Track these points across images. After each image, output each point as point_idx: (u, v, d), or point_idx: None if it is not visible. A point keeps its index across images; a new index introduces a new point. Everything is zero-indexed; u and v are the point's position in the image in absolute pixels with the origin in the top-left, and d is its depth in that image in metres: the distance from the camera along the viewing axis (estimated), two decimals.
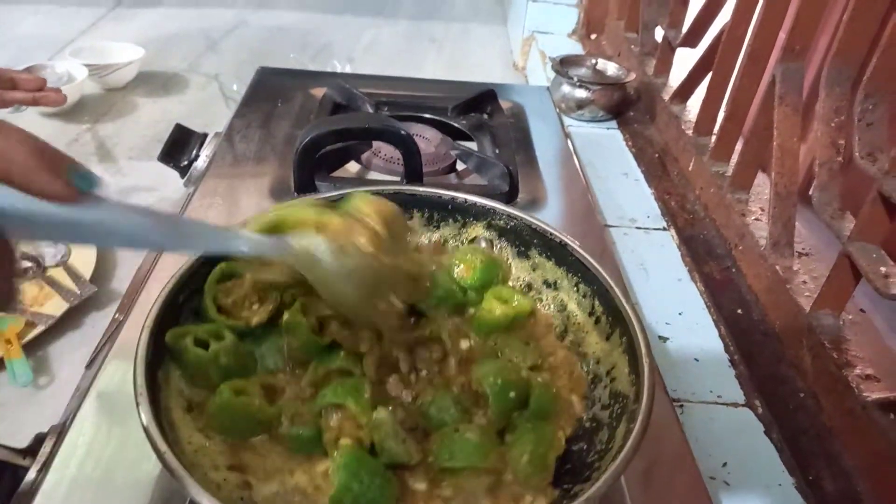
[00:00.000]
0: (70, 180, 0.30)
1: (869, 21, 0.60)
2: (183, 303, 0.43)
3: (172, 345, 0.40)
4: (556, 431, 0.40)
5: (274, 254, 0.39)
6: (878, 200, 0.54)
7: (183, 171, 0.85)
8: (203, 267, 0.44)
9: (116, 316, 0.66)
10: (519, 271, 0.52)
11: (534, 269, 0.51)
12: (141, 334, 0.40)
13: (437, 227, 0.54)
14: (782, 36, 0.73)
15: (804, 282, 0.65)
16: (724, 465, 0.53)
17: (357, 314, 0.41)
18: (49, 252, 0.93)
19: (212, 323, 0.42)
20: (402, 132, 0.59)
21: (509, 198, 0.73)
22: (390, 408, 0.38)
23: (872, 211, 0.54)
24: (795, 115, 0.69)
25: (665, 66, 1.07)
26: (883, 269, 0.54)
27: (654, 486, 0.47)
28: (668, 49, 1.05)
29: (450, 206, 0.53)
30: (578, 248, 0.47)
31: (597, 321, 0.45)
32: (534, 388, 0.41)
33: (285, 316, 0.42)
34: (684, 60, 1.01)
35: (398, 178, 0.74)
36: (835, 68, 0.63)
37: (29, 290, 0.87)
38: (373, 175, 0.79)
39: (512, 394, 0.40)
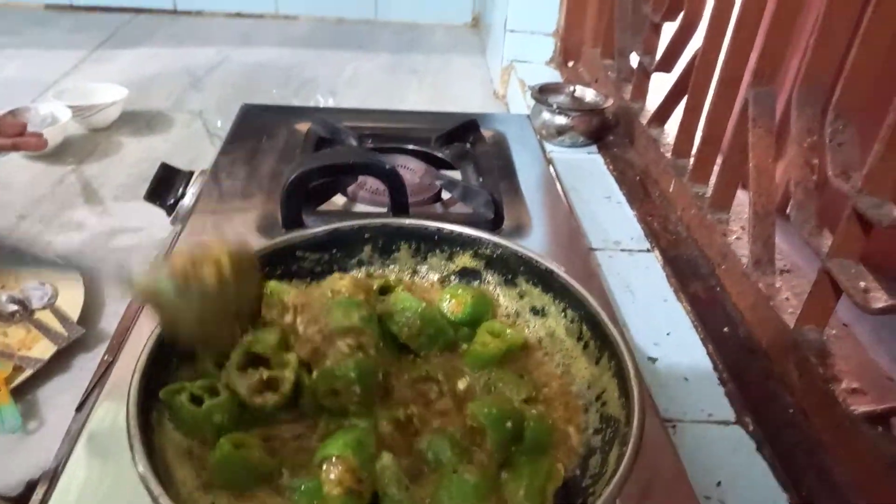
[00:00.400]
0: None
1: (835, 45, 0.63)
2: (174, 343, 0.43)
3: (167, 401, 0.40)
4: (555, 464, 0.41)
5: (119, 287, 0.44)
6: (853, 217, 0.55)
7: (169, 210, 0.85)
8: None
9: (105, 357, 0.66)
10: (507, 300, 0.53)
11: (521, 297, 0.52)
12: (133, 377, 0.40)
13: (425, 259, 0.54)
14: (754, 58, 0.76)
15: (787, 298, 0.66)
16: (719, 484, 0.54)
17: (196, 340, 0.44)
18: (36, 294, 0.92)
19: (208, 377, 0.43)
20: (387, 166, 0.60)
21: (495, 225, 0.74)
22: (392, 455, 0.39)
23: (848, 228, 0.56)
24: (769, 137, 0.71)
25: (641, 92, 1.09)
26: (862, 283, 0.55)
27: None
28: (643, 75, 1.08)
29: (436, 237, 0.54)
30: (564, 274, 0.48)
31: (585, 346, 0.46)
32: (528, 420, 0.42)
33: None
34: (660, 85, 1.03)
35: (384, 210, 0.75)
36: (804, 90, 0.65)
37: (15, 334, 0.86)
38: (359, 207, 0.80)
39: (508, 424, 0.40)
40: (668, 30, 1.01)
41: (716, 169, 0.84)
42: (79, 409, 0.58)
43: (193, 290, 0.42)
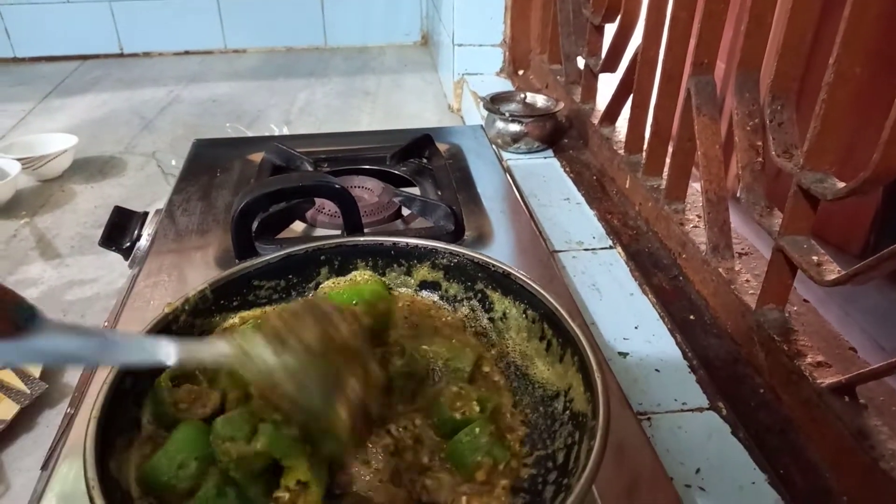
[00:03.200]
0: (12, 317, 0.33)
1: (765, 29, 0.64)
2: (130, 388, 0.42)
3: None
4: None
5: (206, 358, 0.39)
6: (799, 194, 0.56)
7: (126, 253, 0.84)
8: None
9: (68, 410, 0.64)
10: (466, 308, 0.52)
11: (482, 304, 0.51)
12: (88, 425, 0.38)
13: (383, 274, 0.54)
14: (692, 49, 0.77)
15: (747, 280, 0.67)
16: (698, 471, 0.54)
17: (309, 422, 0.37)
18: None
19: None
20: (336, 186, 0.59)
21: (456, 237, 0.74)
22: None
23: (796, 204, 0.57)
24: (714, 124, 0.73)
25: (590, 93, 1.11)
26: (815, 258, 0.56)
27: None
28: (590, 76, 1.09)
29: (392, 252, 0.53)
30: (521, 275, 0.48)
31: (548, 345, 0.45)
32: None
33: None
34: (608, 84, 1.05)
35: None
36: (741, 75, 0.66)
37: None
38: (319, 231, 0.79)
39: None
40: (610, 31, 1.03)
41: (667, 161, 0.85)
42: (44, 466, 0.56)
43: (291, 349, 0.36)
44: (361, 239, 0.53)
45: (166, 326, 0.45)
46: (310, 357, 0.36)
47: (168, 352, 0.38)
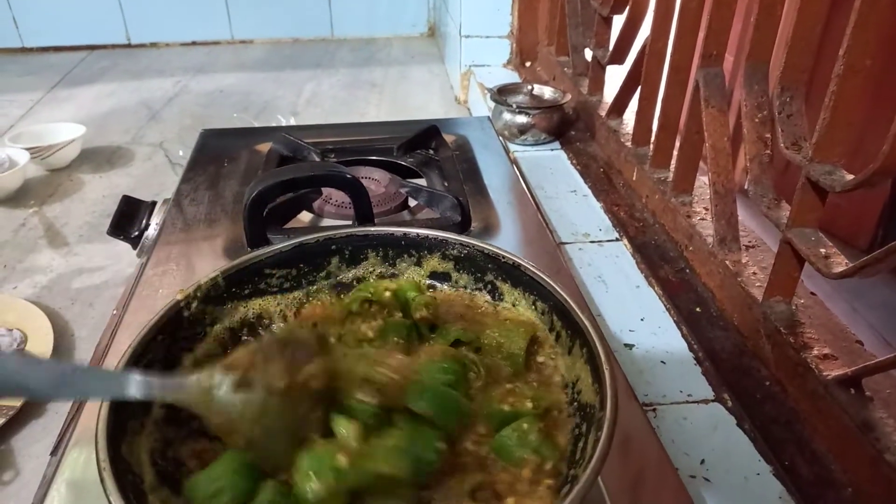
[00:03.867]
0: None
1: (775, 20, 0.64)
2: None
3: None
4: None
5: (167, 394, 0.37)
6: (807, 186, 0.56)
7: (134, 242, 0.84)
8: (160, 334, 0.44)
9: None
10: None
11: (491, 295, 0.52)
12: (100, 409, 0.39)
13: (393, 265, 0.54)
14: (700, 41, 0.77)
15: (754, 273, 0.67)
16: (702, 462, 0.54)
17: (267, 461, 0.37)
18: (4, 341, 0.90)
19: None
20: (348, 176, 0.60)
21: (462, 228, 0.74)
22: None
23: (804, 197, 0.57)
24: (722, 116, 0.72)
25: (598, 85, 1.11)
26: (823, 250, 0.56)
27: (637, 494, 0.47)
28: (598, 68, 1.09)
29: (403, 242, 0.53)
30: (531, 267, 0.48)
31: (557, 337, 0.46)
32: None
33: None
34: (616, 76, 1.05)
35: (351, 222, 0.75)
36: (750, 67, 0.66)
37: None
38: (326, 222, 0.80)
39: None
40: (619, 22, 1.03)
41: (675, 154, 0.85)
42: (53, 452, 0.57)
43: (252, 388, 0.35)
44: (372, 229, 0.53)
45: (178, 312, 0.46)
46: (271, 397, 0.35)
47: (129, 388, 0.37)
